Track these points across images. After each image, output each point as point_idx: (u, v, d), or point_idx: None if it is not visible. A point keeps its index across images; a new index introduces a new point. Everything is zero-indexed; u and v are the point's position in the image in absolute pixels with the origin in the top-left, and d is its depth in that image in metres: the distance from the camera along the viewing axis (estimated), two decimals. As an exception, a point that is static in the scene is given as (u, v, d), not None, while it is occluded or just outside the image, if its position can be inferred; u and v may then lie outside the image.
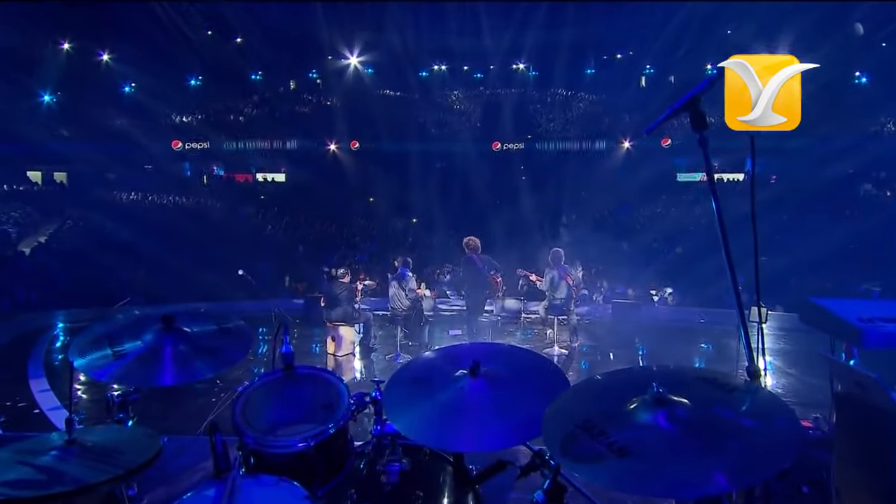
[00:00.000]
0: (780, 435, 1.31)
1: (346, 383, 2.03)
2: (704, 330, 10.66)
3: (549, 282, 8.77)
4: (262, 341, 9.08)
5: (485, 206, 23.41)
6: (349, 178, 25.37)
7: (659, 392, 1.38)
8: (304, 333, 10.26)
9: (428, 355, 2.04)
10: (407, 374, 1.90)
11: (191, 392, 6.27)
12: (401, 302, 8.48)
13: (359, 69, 29.44)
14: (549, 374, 1.85)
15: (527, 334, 10.32)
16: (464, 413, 1.68)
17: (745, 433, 1.31)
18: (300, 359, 2.07)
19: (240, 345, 2.20)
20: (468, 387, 1.74)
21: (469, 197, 22.83)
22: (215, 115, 27.75)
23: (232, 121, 27.81)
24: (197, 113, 27.79)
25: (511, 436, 1.62)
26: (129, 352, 2.04)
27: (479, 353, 1.83)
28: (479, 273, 8.30)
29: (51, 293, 14.01)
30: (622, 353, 8.79)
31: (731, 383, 1.48)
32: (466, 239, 8.49)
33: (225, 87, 27.83)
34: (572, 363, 8.33)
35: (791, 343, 9.07)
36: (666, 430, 1.33)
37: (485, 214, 21.93)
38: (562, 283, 8.70)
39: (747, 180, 24.35)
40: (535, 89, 30.80)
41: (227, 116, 27.98)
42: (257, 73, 29.78)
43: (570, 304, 8.84)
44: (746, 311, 1.73)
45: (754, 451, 1.26)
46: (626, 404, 1.42)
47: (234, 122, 27.78)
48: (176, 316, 2.16)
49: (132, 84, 27.14)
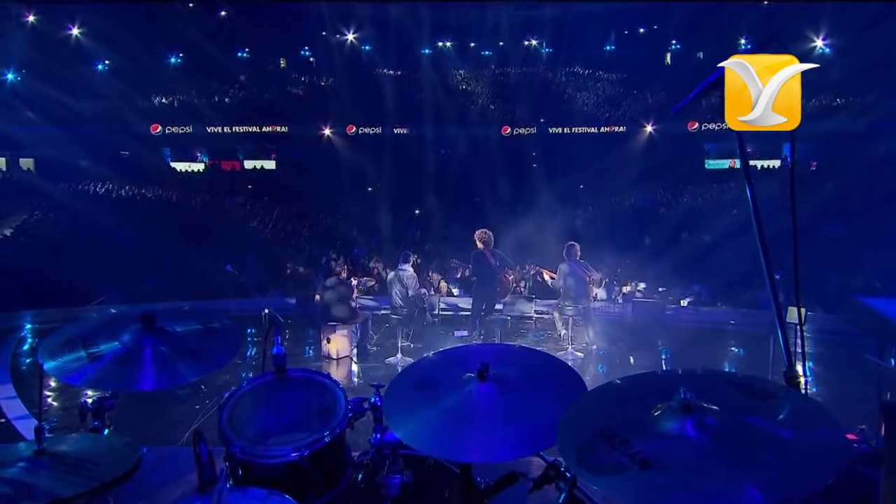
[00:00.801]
0: (822, 447, 1.30)
1: (342, 388, 2.04)
2: (736, 332, 10.63)
3: (564, 279, 8.77)
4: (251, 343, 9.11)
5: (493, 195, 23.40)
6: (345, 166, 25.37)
7: (686, 398, 1.38)
8: (297, 334, 10.30)
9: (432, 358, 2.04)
10: (409, 377, 1.91)
11: (173, 398, 6.31)
12: (401, 299, 8.49)
13: (355, 46, 29.44)
14: (564, 377, 1.85)
15: (539, 336, 10.32)
16: (471, 420, 1.68)
17: (783, 445, 1.31)
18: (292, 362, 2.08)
19: (227, 346, 2.21)
20: (476, 391, 1.74)
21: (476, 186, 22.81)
22: (198, 96, 27.78)
23: (216, 103, 27.83)
24: (178, 94, 27.84)
25: (523, 445, 1.62)
26: (105, 354, 2.04)
27: (488, 355, 1.83)
28: (491, 269, 8.32)
29: (17, 291, 14.08)
30: (643, 357, 8.79)
31: (766, 390, 1.48)
32: (478, 232, 8.51)
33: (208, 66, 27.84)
34: (589, 367, 8.35)
35: (832, 347, 9.03)
36: (694, 439, 1.33)
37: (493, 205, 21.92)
38: (577, 280, 8.69)
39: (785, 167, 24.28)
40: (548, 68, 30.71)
41: (211, 98, 28.01)
42: (244, 51, 29.86)
43: (587, 303, 8.83)
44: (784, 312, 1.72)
45: (793, 464, 1.25)
46: (649, 411, 1.42)
47: (218, 104, 27.81)
48: (156, 315, 2.17)
49: (106, 62, 27.20)
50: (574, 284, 8.72)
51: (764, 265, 1.61)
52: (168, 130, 25.91)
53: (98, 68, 27.18)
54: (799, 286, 1.66)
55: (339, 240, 19.46)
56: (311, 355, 9.01)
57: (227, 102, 28.12)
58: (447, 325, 10.90)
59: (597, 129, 26.35)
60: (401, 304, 8.50)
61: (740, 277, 13.23)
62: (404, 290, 8.46)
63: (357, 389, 6.98)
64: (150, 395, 2.22)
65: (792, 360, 1.59)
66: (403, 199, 22.42)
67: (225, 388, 2.11)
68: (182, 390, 6.38)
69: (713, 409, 1.38)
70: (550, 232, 16.31)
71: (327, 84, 29.42)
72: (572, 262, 8.77)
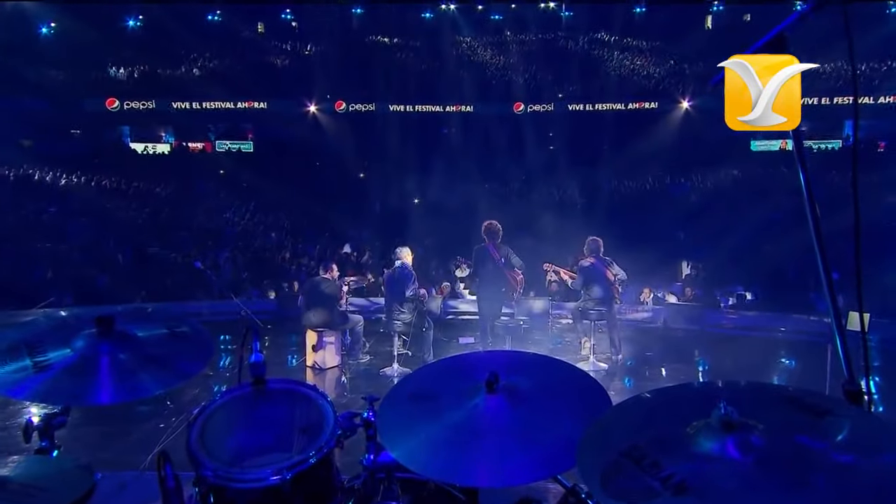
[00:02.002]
0: (888, 474, 1.29)
1: (331, 401, 2.04)
2: (786, 341, 10.62)
3: (585, 278, 8.77)
4: (225, 350, 9.14)
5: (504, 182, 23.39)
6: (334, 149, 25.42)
7: (727, 414, 1.38)
8: (278, 341, 10.35)
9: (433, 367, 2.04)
10: (407, 389, 1.91)
11: (134, 414, 6.33)
12: (398, 302, 8.50)
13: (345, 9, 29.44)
14: (585, 389, 1.86)
15: (557, 343, 10.34)
16: (479, 438, 1.69)
17: (842, 470, 1.30)
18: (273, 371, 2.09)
19: (197, 354, 2.22)
20: (484, 405, 1.74)
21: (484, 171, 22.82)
22: (162, 66, 27.80)
23: (183, 74, 27.87)
24: (138, 64, 27.85)
25: (538, 467, 1.62)
26: (55, 362, 2.04)
27: (498, 364, 1.83)
28: (495, 267, 8.34)
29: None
30: (677, 368, 8.81)
31: (822, 406, 1.47)
32: (486, 223, 8.53)
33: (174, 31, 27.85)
34: (614, 379, 8.39)
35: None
36: (736, 461, 1.32)
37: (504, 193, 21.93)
38: (600, 279, 8.69)
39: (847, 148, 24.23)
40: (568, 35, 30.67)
41: (178, 68, 28.03)
42: (215, 14, 29.83)
43: (612, 307, 8.86)
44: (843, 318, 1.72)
45: (853, 493, 1.25)
46: (684, 429, 1.42)
47: (185, 75, 27.84)
48: (115, 317, 2.17)
49: (51, 25, 27.11)
50: (597, 285, 8.73)
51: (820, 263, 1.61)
52: (127, 106, 25.97)
53: (42, 32, 27.13)
54: (861, 288, 1.66)
55: (327, 233, 19.50)
56: (294, 364, 9.03)
57: (196, 74, 28.17)
58: (451, 330, 10.92)
59: (624, 106, 26.35)
60: (397, 307, 8.51)
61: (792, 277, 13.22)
62: (401, 290, 8.47)
63: (347, 403, 7.01)
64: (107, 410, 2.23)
65: (853, 373, 1.59)
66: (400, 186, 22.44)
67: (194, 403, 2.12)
68: (145, 405, 6.40)
69: (759, 427, 1.37)
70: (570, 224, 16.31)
71: (312, 53, 29.44)
72: (595, 259, 8.76)
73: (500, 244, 8.50)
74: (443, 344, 9.64)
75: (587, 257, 8.86)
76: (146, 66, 27.79)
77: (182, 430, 2.04)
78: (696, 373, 8.87)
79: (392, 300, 8.57)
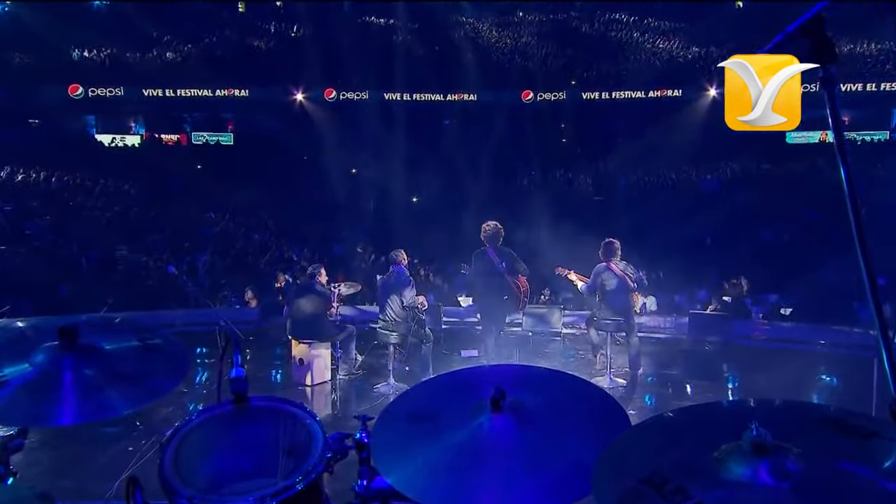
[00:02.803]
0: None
1: (319, 420, 2.04)
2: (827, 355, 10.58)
3: (600, 284, 8.77)
4: (203, 364, 9.15)
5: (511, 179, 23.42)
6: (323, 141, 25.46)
7: (760, 436, 1.37)
8: (261, 354, 10.37)
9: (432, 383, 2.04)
10: (404, 407, 1.92)
11: (99, 436, 6.30)
12: (394, 311, 8.51)
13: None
14: (601, 408, 1.86)
15: (569, 357, 10.34)
16: (482, 462, 1.69)
17: (890, 500, 1.29)
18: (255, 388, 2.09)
19: (171, 369, 2.22)
20: (489, 425, 1.74)
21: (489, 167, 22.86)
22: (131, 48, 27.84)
23: (155, 58, 27.92)
24: (105, 46, 27.89)
25: (548, 494, 1.62)
26: (11, 379, 2.04)
27: (504, 380, 1.83)
28: (495, 272, 8.32)
29: None
30: (704, 385, 8.81)
31: (867, 428, 1.46)
32: (485, 225, 8.50)
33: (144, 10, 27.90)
34: (633, 396, 8.39)
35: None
36: (770, 489, 1.32)
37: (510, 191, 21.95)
38: (618, 286, 8.69)
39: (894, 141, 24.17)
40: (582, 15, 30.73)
41: (149, 51, 28.08)
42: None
43: (630, 316, 8.85)
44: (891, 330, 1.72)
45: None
46: (711, 452, 1.41)
47: (158, 59, 27.89)
48: (79, 328, 2.16)
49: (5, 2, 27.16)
50: (614, 292, 8.71)
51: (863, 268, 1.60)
52: (92, 93, 26.01)
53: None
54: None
55: (315, 234, 19.51)
56: (279, 380, 9.06)
57: (170, 58, 28.21)
58: (453, 342, 10.92)
59: (644, 94, 26.37)
60: (393, 316, 8.52)
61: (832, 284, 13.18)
62: (397, 297, 8.48)
63: (338, 423, 7.01)
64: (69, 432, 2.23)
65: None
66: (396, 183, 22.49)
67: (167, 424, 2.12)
68: (112, 426, 6.37)
69: (795, 451, 1.37)
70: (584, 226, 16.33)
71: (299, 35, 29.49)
72: (611, 263, 8.76)
73: (502, 247, 8.48)
74: (443, 357, 9.64)
75: (603, 261, 8.84)
76: (113, 48, 27.85)
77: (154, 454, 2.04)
78: (724, 390, 8.84)
79: (387, 309, 8.57)
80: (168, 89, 26.45)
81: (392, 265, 8.76)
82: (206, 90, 26.73)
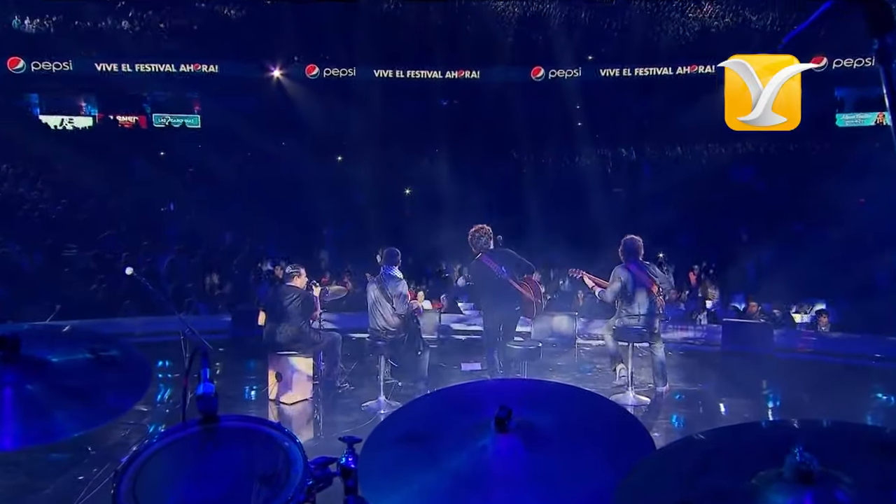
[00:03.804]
0: None
1: (299, 443, 2.04)
2: (880, 370, 10.62)
3: (620, 288, 8.77)
4: (166, 380, 9.14)
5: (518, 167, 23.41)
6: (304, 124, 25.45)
7: (805, 462, 1.37)
8: (233, 367, 10.38)
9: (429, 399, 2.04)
10: (395, 428, 1.91)
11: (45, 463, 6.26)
12: (385, 318, 8.52)
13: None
14: (621, 429, 1.86)
15: (585, 370, 10.35)
16: (486, 490, 1.68)
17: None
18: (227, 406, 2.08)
19: (128, 384, 2.20)
20: (493, 449, 1.74)
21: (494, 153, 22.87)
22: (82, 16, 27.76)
23: (110, 27, 27.84)
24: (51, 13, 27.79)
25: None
26: (-61, 397, 2.04)
27: (510, 396, 1.83)
28: (498, 281, 8.30)
29: None
30: (739, 404, 8.80)
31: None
32: (472, 230, 8.51)
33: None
34: (658, 416, 8.39)
35: None
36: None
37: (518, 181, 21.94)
38: (640, 289, 8.71)
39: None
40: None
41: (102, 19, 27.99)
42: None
43: (655, 324, 8.87)
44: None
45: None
46: (747, 480, 1.41)
47: (113, 28, 27.81)
48: (21, 338, 2.15)
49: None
50: (636, 296, 8.72)
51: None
52: (35, 67, 25.87)
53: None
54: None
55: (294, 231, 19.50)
56: (253, 397, 9.04)
57: (126, 28, 28.13)
58: (452, 354, 10.93)
59: (671, 71, 26.34)
60: (384, 324, 8.52)
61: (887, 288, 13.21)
62: (389, 303, 8.49)
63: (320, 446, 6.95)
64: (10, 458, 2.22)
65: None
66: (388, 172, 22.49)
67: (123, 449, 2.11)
68: (59, 452, 6.32)
69: (845, 479, 1.36)
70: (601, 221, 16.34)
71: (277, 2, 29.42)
72: (633, 264, 8.76)
73: (499, 250, 8.51)
74: (442, 371, 9.65)
75: (623, 261, 8.84)
76: (61, 15, 27.68)
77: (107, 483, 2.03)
78: (763, 409, 8.82)
79: (378, 316, 8.58)
80: (125, 64, 26.27)
81: (383, 265, 8.75)
82: (168, 65, 26.61)
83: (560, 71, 27.02)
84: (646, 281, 8.74)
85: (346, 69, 27.04)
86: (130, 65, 26.32)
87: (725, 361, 11.00)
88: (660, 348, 9.03)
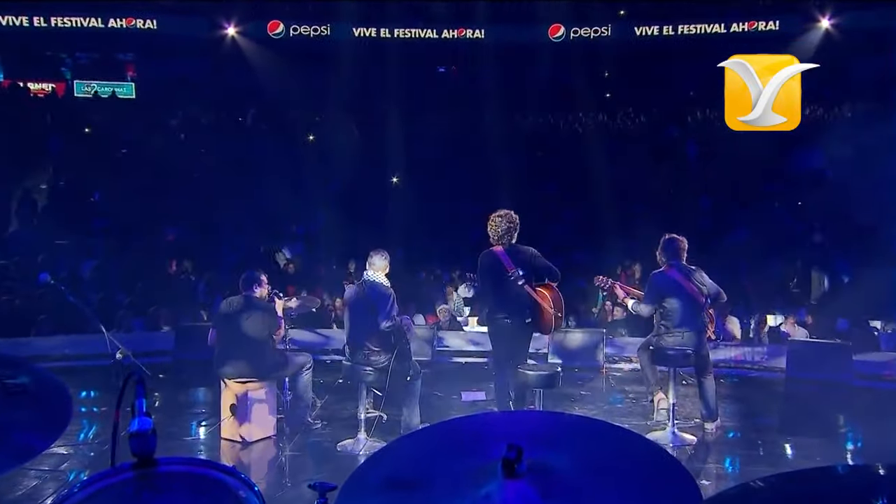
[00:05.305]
0: None
1: (259, 491, 2.04)
2: None
3: (657, 298, 8.76)
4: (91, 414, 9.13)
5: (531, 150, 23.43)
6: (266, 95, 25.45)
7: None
8: (177, 398, 10.41)
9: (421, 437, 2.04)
10: (379, 472, 1.91)
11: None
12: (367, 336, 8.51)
13: None
14: (660, 473, 1.86)
15: (615, 401, 10.40)
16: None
17: None
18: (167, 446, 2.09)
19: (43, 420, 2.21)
20: (500, 497, 1.73)
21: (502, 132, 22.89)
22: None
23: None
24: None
25: None
26: None
27: (522, 433, 1.83)
28: (509, 282, 8.19)
29: None
30: (808, 443, 8.79)
31: None
32: (493, 216, 8.41)
33: None
34: (707, 458, 8.34)
35: None
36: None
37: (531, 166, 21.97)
38: (684, 300, 8.67)
39: None
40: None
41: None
42: None
43: (702, 344, 8.84)
44: None
45: None
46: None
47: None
48: None
49: None
50: (679, 310, 8.66)
51: None
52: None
53: None
54: None
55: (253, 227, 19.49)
56: (201, 435, 9.03)
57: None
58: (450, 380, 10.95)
59: (724, 28, 26.32)
60: (366, 344, 8.51)
61: None
62: (372, 317, 8.46)
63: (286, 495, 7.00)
64: None
65: None
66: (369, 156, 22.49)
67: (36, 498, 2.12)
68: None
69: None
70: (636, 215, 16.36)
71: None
72: (674, 269, 8.71)
73: (517, 245, 8.35)
74: (437, 401, 9.68)
75: (663, 266, 8.82)
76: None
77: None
78: (840, 450, 8.77)
79: (358, 333, 8.56)
80: (37, 17, 25.88)
81: (365, 272, 8.72)
82: (94, 19, 26.24)
83: (584, 29, 26.92)
84: (690, 288, 8.70)
85: (318, 26, 26.92)
86: (44, 18, 25.99)
87: (791, 391, 11.00)
88: (709, 375, 9.01)
